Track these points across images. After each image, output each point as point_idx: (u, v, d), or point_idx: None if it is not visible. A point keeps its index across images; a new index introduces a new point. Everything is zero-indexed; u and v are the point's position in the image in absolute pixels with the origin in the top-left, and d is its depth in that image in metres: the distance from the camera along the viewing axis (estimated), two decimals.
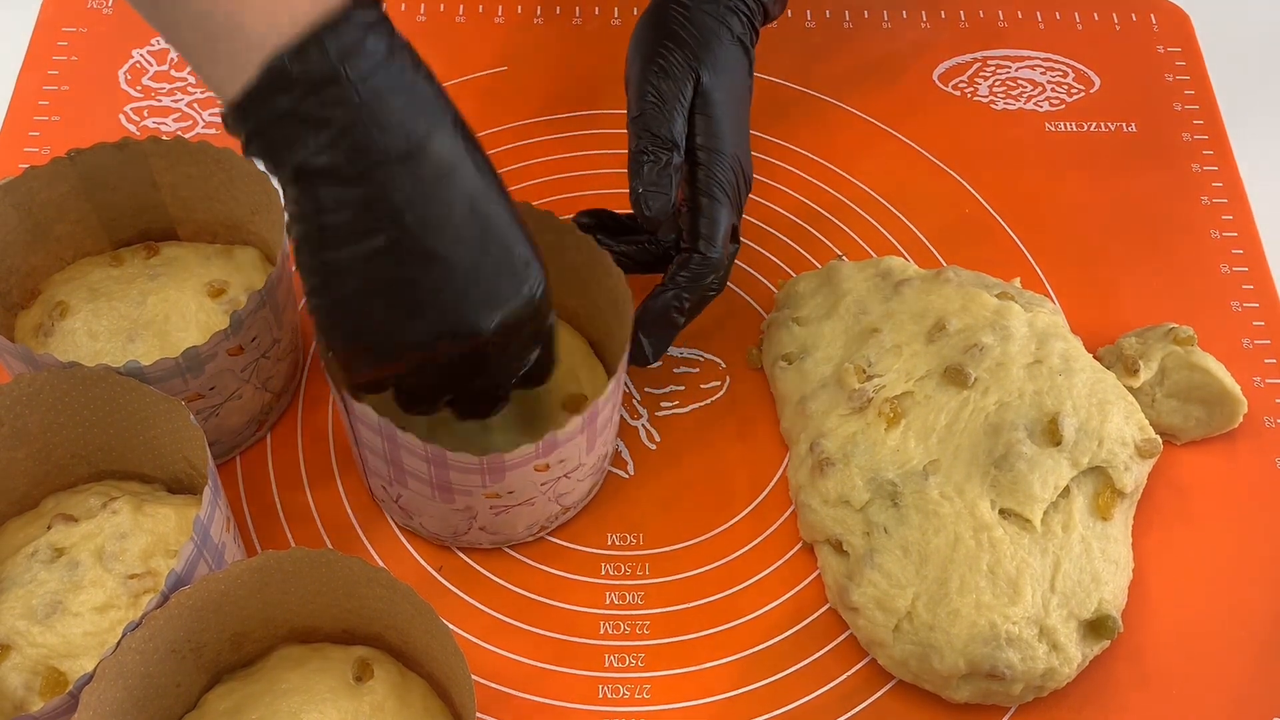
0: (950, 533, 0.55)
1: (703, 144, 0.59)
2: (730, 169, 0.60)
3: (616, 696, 0.56)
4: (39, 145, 0.73)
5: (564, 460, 0.55)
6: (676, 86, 0.59)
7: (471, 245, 0.47)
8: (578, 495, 0.60)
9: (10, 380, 0.54)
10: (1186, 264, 0.71)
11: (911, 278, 0.64)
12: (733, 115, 0.61)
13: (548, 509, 0.58)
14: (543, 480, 0.55)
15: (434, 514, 0.57)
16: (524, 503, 0.56)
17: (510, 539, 0.59)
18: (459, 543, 0.59)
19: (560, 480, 0.56)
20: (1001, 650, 0.53)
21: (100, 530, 0.53)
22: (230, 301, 0.61)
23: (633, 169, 0.59)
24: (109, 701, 0.46)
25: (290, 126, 0.43)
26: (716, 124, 0.60)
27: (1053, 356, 0.59)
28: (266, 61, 0.42)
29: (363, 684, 0.51)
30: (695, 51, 0.60)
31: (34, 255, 0.62)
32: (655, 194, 0.58)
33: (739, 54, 0.62)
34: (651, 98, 0.59)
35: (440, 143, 0.46)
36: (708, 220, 0.59)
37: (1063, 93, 0.78)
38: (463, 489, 0.54)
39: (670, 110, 0.59)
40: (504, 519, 0.57)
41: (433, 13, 0.81)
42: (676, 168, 0.59)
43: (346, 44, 0.43)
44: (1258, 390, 0.65)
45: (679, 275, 0.59)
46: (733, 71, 0.61)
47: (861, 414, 0.59)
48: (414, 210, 0.45)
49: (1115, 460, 0.57)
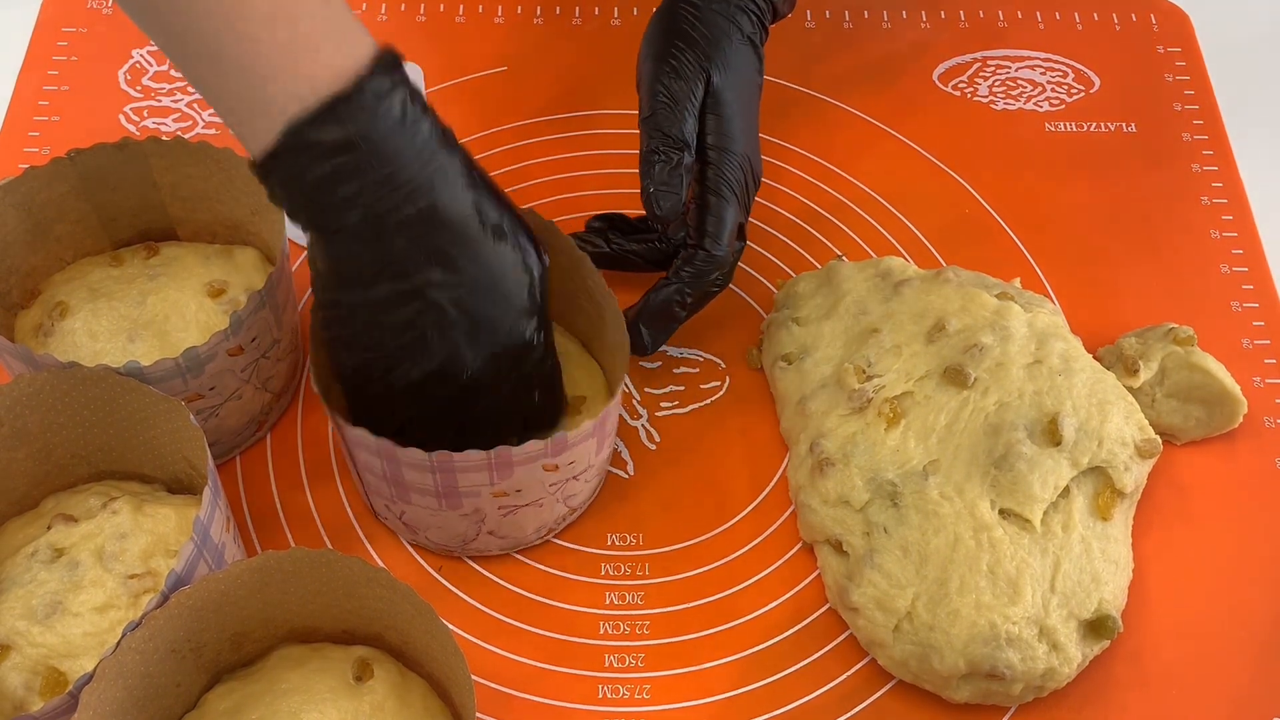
0: (950, 533, 0.55)
1: (713, 143, 0.60)
2: (739, 168, 0.60)
3: (616, 696, 0.56)
4: (39, 145, 0.73)
5: (574, 462, 0.55)
6: (688, 86, 0.60)
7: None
8: (584, 496, 0.60)
9: (10, 380, 0.54)
10: (1186, 264, 0.71)
11: (911, 278, 0.64)
12: (743, 114, 0.61)
13: (555, 510, 0.58)
14: (551, 481, 0.55)
15: (441, 524, 0.57)
16: (532, 504, 0.56)
17: (519, 543, 0.59)
18: (468, 551, 0.59)
19: (569, 482, 0.56)
20: (1001, 650, 0.53)
21: (100, 530, 0.53)
22: (230, 302, 0.61)
23: (644, 168, 0.59)
24: (109, 701, 0.46)
25: (307, 188, 0.47)
26: (727, 123, 0.60)
27: (1052, 357, 0.59)
28: (286, 128, 0.45)
29: (363, 684, 0.51)
30: (706, 51, 0.61)
31: (34, 255, 0.62)
32: (666, 193, 0.59)
33: (749, 53, 0.62)
34: (663, 98, 0.60)
35: (447, 197, 0.48)
36: (715, 218, 0.60)
37: (1063, 93, 0.78)
38: (470, 490, 0.54)
39: (681, 110, 0.60)
40: (512, 520, 0.57)
41: (433, 13, 0.81)
42: (687, 167, 0.59)
43: (361, 112, 0.45)
44: (1258, 390, 0.65)
45: (683, 270, 0.60)
46: (743, 70, 0.62)
47: (861, 414, 0.59)
48: (420, 265, 0.49)
49: (1115, 460, 0.57)
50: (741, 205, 0.61)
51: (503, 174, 0.73)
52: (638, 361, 0.66)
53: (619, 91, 0.76)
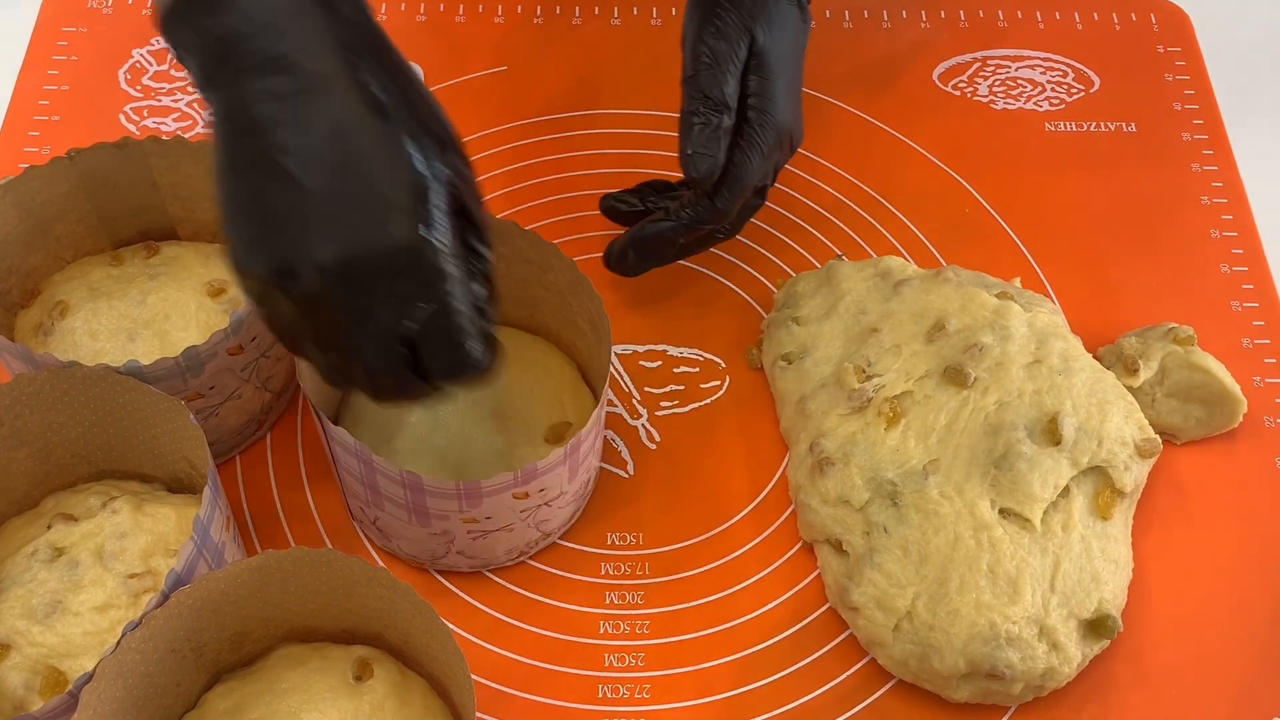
0: (950, 532, 0.55)
1: (755, 105, 0.60)
2: (774, 131, 0.60)
3: (616, 696, 0.56)
4: (39, 145, 0.73)
5: (544, 489, 0.54)
6: (731, 47, 0.59)
7: (324, 171, 0.44)
8: (559, 521, 0.59)
9: (10, 380, 0.54)
10: (1186, 264, 0.71)
11: (911, 278, 0.64)
12: (787, 75, 0.61)
13: (527, 535, 0.57)
14: (522, 508, 0.55)
15: (411, 537, 0.57)
16: (503, 528, 0.55)
17: (489, 563, 0.59)
18: (437, 566, 0.59)
19: (540, 508, 0.56)
20: (1001, 650, 0.53)
21: (100, 530, 0.53)
22: (230, 301, 0.61)
23: (683, 130, 0.59)
24: (109, 701, 0.46)
25: (190, 39, 0.45)
26: (770, 85, 0.60)
27: (1052, 356, 0.59)
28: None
29: (362, 683, 0.51)
30: (751, 10, 0.60)
31: (34, 255, 0.62)
32: (704, 156, 0.59)
33: (794, 12, 0.62)
34: (705, 58, 0.59)
35: (311, 60, 0.44)
36: (734, 177, 0.60)
37: (1063, 93, 0.78)
38: (439, 514, 0.54)
39: (723, 71, 0.59)
40: (482, 544, 0.56)
41: (433, 13, 0.81)
42: (726, 130, 0.59)
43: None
44: (1258, 390, 0.65)
45: (685, 211, 0.61)
46: (788, 30, 0.61)
47: (861, 414, 0.59)
48: (266, 125, 0.44)
49: (1115, 460, 0.57)
50: (769, 167, 0.61)
51: (503, 174, 0.73)
52: (638, 361, 0.66)
53: (619, 91, 0.76)
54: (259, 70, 0.44)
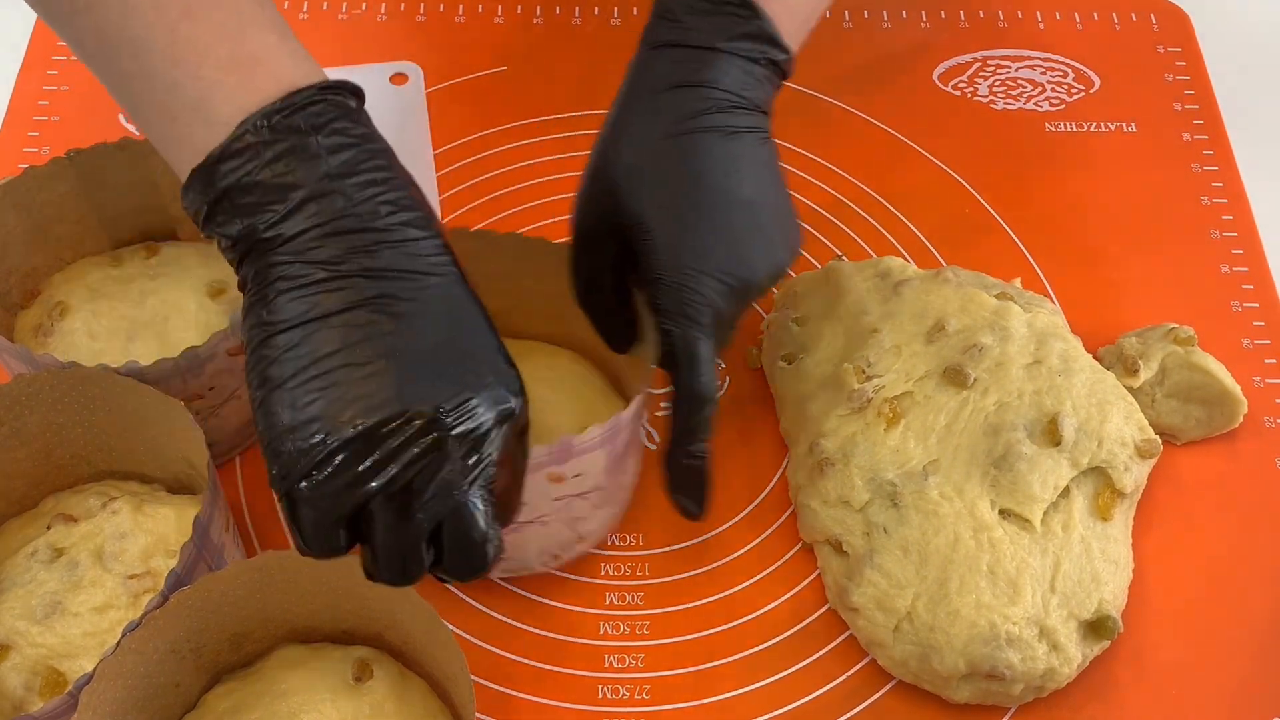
0: (950, 533, 0.55)
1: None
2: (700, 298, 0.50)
3: (616, 696, 0.56)
4: (39, 145, 0.73)
5: (580, 475, 0.53)
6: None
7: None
8: (594, 524, 0.57)
9: (10, 380, 0.54)
10: (1186, 264, 0.70)
11: (911, 278, 0.63)
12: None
13: (561, 534, 0.56)
14: (555, 495, 0.53)
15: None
16: (536, 520, 0.54)
17: (525, 564, 0.58)
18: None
19: (575, 500, 0.54)
20: (1001, 650, 0.53)
21: (100, 530, 0.53)
22: (230, 301, 0.61)
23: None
24: (109, 701, 0.46)
25: (256, 191, 0.41)
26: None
27: (1052, 357, 0.59)
28: (236, 129, 0.41)
29: (362, 684, 0.51)
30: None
31: (34, 255, 0.62)
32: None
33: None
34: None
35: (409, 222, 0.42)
36: (685, 355, 0.50)
37: (1063, 93, 0.78)
38: None
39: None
40: (515, 540, 0.55)
41: (433, 13, 0.81)
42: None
43: (317, 118, 0.42)
44: (1258, 390, 0.65)
45: (677, 426, 0.51)
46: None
47: (861, 414, 0.59)
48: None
49: (1115, 460, 0.57)
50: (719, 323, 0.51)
51: (502, 174, 0.73)
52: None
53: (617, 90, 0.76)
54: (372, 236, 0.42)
